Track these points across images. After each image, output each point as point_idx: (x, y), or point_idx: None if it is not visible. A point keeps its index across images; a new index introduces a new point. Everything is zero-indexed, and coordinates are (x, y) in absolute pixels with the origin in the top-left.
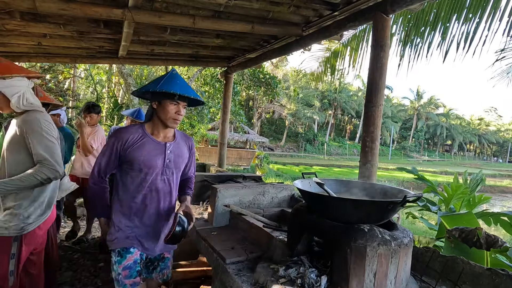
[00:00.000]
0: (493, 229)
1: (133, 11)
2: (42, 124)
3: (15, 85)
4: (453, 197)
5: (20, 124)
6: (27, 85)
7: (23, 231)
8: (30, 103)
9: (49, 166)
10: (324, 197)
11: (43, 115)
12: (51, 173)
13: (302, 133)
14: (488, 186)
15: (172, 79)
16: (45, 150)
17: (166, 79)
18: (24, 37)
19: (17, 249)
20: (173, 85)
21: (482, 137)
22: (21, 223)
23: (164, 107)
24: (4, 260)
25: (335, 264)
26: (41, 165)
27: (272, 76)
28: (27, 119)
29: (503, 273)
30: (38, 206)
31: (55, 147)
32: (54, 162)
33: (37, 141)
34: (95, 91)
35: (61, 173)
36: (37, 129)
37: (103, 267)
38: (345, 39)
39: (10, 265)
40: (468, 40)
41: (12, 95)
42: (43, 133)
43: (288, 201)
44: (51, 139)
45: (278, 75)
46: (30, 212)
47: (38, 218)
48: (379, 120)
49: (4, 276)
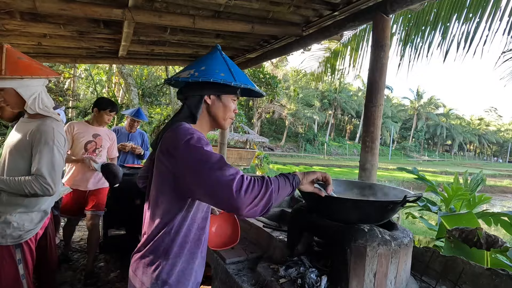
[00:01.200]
0: (493, 229)
1: (133, 11)
2: (56, 136)
3: (32, 85)
4: (453, 197)
5: (34, 132)
6: (43, 84)
7: (21, 239)
8: (45, 106)
9: (43, 184)
10: (324, 197)
11: (58, 125)
12: (42, 190)
13: (302, 133)
14: (488, 186)
15: (234, 65)
16: (47, 166)
17: (230, 65)
18: (24, 37)
19: (22, 254)
20: (245, 77)
21: (482, 137)
22: (18, 231)
23: (224, 103)
24: (12, 266)
25: (335, 264)
26: (35, 179)
27: (272, 76)
28: (43, 129)
29: (503, 273)
30: (35, 215)
31: (60, 162)
32: (50, 181)
33: (44, 154)
34: (95, 91)
35: (53, 192)
36: (49, 142)
37: (103, 267)
38: (345, 39)
39: (20, 270)
40: (468, 40)
41: (29, 96)
42: (54, 147)
43: (288, 201)
44: (59, 154)
45: (278, 75)
46: (26, 220)
47: (36, 225)
48: (379, 120)
49: (17, 280)
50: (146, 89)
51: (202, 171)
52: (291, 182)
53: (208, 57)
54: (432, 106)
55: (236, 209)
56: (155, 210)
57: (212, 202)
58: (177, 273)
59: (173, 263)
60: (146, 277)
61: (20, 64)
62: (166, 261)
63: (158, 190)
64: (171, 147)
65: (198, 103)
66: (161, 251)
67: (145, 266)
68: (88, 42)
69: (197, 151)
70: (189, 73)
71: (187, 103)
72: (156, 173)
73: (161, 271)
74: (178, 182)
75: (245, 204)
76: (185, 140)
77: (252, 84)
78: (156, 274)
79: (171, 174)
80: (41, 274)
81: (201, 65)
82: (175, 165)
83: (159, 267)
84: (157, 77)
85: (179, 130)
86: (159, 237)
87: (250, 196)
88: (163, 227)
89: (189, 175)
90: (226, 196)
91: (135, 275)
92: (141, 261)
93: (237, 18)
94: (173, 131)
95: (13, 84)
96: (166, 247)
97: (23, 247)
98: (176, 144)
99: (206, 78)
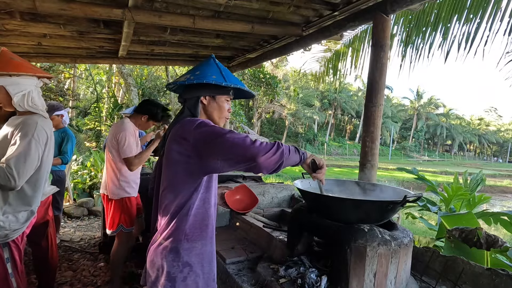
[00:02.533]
0: (493, 229)
1: (133, 11)
2: (37, 131)
3: (20, 83)
4: (453, 197)
5: (19, 124)
6: (35, 85)
7: (7, 238)
8: (34, 104)
9: (7, 173)
10: (324, 197)
11: (44, 122)
12: (3, 180)
13: (302, 133)
14: (488, 186)
15: (226, 70)
16: (17, 158)
17: (222, 69)
18: (24, 37)
19: (9, 253)
20: (235, 78)
21: (482, 137)
22: (4, 231)
23: (218, 103)
24: (0, 265)
25: (335, 264)
26: (1, 167)
27: (272, 76)
28: (26, 122)
29: (503, 273)
30: (21, 215)
31: (34, 157)
32: (15, 172)
33: (19, 146)
34: (95, 91)
35: (15, 186)
36: (28, 135)
37: (103, 267)
38: (346, 40)
39: (8, 268)
40: (469, 41)
41: (16, 93)
42: (32, 140)
43: (288, 201)
44: (35, 149)
45: (278, 75)
46: (12, 220)
47: (22, 225)
48: (379, 120)
49: (6, 279)
50: (146, 89)
51: (216, 140)
52: (300, 154)
53: (203, 64)
54: (432, 106)
55: (253, 157)
56: (167, 200)
57: (231, 163)
58: (197, 255)
59: (192, 245)
60: (165, 262)
61: (11, 63)
62: (185, 243)
63: (170, 180)
64: (183, 133)
65: (195, 104)
66: (179, 234)
67: (164, 252)
68: (88, 42)
69: (208, 128)
70: (185, 78)
71: (186, 105)
72: (167, 165)
73: (181, 253)
74: (194, 161)
75: (261, 153)
76: (195, 124)
77: (242, 84)
78: (176, 257)
79: (185, 156)
80: (41, 273)
81: (196, 71)
82: (190, 146)
83: (179, 250)
84: (157, 77)
85: (186, 120)
86: (176, 221)
87: (264, 147)
88: (179, 210)
89: (205, 148)
90: (242, 150)
91: (152, 264)
92: (158, 248)
93: (237, 18)
94: (180, 124)
95: (2, 82)
96: (183, 229)
97: (10, 246)
98: (188, 128)
99: (200, 80)
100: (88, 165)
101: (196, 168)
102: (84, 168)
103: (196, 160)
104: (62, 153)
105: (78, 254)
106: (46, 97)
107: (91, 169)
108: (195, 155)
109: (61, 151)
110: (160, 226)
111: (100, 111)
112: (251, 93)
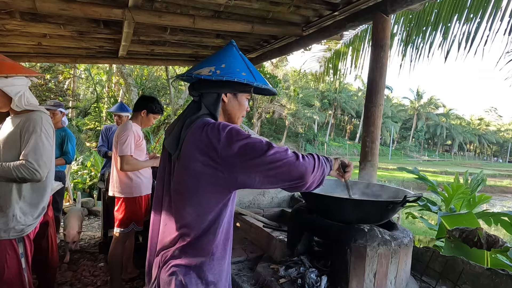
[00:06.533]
0: (493, 229)
1: (133, 11)
2: (44, 125)
3: (16, 84)
4: (454, 196)
5: (23, 122)
6: (26, 84)
7: (23, 233)
8: (30, 103)
9: (30, 168)
10: (324, 197)
11: (46, 117)
12: (29, 175)
13: (302, 133)
14: (488, 186)
15: (251, 65)
16: (35, 151)
17: (248, 64)
18: (24, 37)
19: (23, 248)
20: (261, 77)
21: (482, 137)
22: (20, 225)
23: (240, 101)
24: (15, 260)
25: (335, 264)
26: (23, 164)
27: (272, 76)
28: (32, 118)
29: (503, 273)
30: (36, 210)
31: (47, 150)
32: (36, 165)
33: (32, 141)
34: (95, 91)
35: (40, 177)
36: (37, 130)
37: (103, 267)
38: (346, 39)
39: (22, 263)
40: (469, 40)
41: (15, 94)
42: (42, 134)
43: (288, 201)
44: (47, 142)
45: (278, 75)
46: (29, 214)
47: (35, 220)
48: (379, 120)
49: (19, 273)
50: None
51: (255, 158)
52: (329, 161)
53: (226, 54)
54: (432, 106)
55: (302, 176)
56: (188, 215)
57: (273, 181)
58: (220, 272)
59: (217, 263)
60: (188, 278)
61: (5, 65)
62: (209, 262)
63: (190, 192)
64: (209, 142)
65: (216, 101)
66: (203, 253)
67: (187, 269)
68: (88, 42)
69: (243, 141)
70: (209, 70)
71: (204, 102)
72: (186, 173)
73: (205, 273)
74: (222, 175)
75: (309, 169)
76: (225, 132)
77: (268, 84)
78: (199, 277)
79: (212, 168)
80: (41, 273)
81: (221, 63)
82: (219, 158)
83: (202, 269)
84: (157, 77)
85: (208, 126)
86: (200, 239)
87: (309, 162)
88: (206, 227)
89: (241, 163)
90: (287, 169)
91: (169, 281)
92: (173, 268)
93: (237, 18)
94: (200, 127)
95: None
96: (209, 248)
97: (24, 241)
98: (216, 136)
99: (230, 78)
100: (88, 165)
101: (224, 183)
102: (84, 168)
103: (226, 174)
104: (64, 153)
105: (78, 254)
106: (46, 97)
107: (91, 169)
108: (225, 169)
109: (63, 151)
110: (175, 242)
111: (100, 111)
112: (274, 92)
